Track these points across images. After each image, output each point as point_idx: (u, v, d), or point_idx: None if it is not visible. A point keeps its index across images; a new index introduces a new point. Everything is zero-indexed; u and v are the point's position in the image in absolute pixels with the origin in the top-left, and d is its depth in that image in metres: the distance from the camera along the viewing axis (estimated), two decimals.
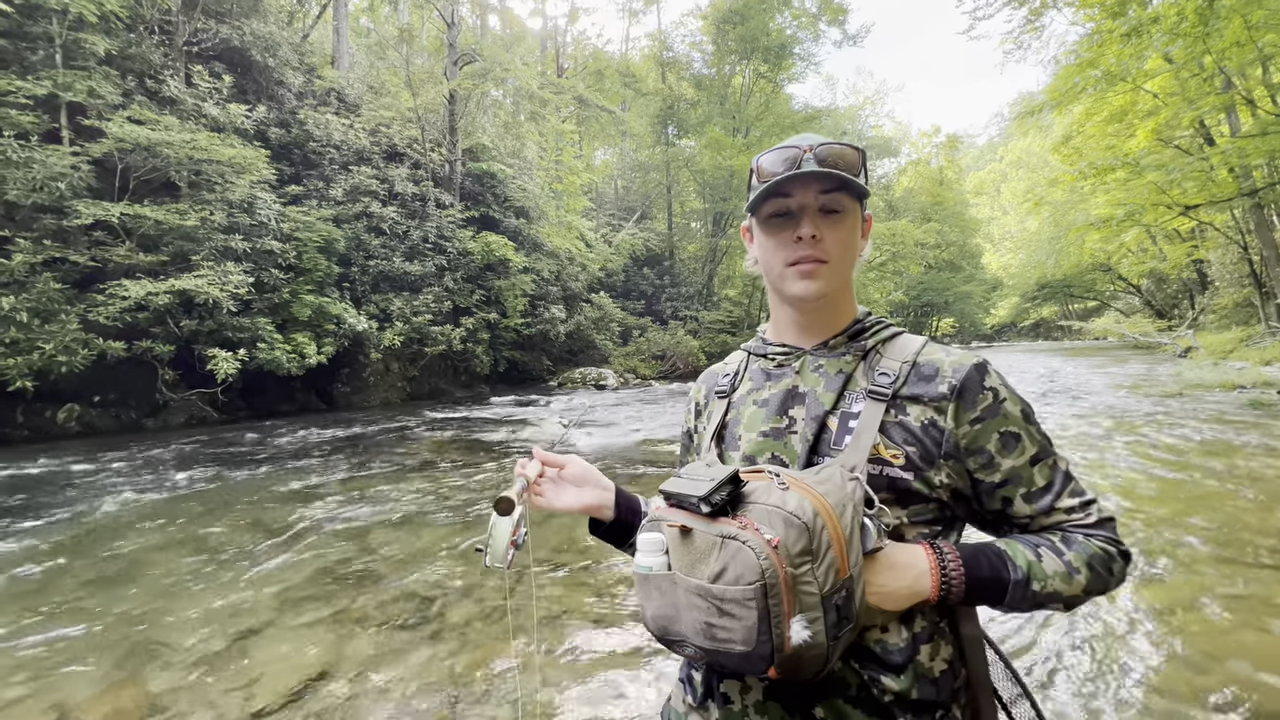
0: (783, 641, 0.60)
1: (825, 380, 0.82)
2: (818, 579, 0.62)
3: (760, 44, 25.99)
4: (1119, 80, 12.22)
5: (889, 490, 0.75)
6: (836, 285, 0.82)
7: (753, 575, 0.60)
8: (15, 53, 9.58)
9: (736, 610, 0.61)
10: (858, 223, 0.83)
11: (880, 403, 0.77)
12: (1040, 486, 0.75)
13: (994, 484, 0.76)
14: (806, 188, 0.79)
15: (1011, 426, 0.75)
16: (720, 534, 0.64)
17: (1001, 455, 0.75)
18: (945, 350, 0.80)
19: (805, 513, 0.63)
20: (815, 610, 0.61)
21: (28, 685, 2.39)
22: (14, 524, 4.59)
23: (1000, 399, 0.76)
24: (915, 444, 0.75)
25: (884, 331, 0.85)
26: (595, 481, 0.95)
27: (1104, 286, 32.59)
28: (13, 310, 8.46)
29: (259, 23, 13.89)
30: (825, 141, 0.80)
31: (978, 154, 62.89)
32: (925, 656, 0.72)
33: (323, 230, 12.53)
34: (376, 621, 2.83)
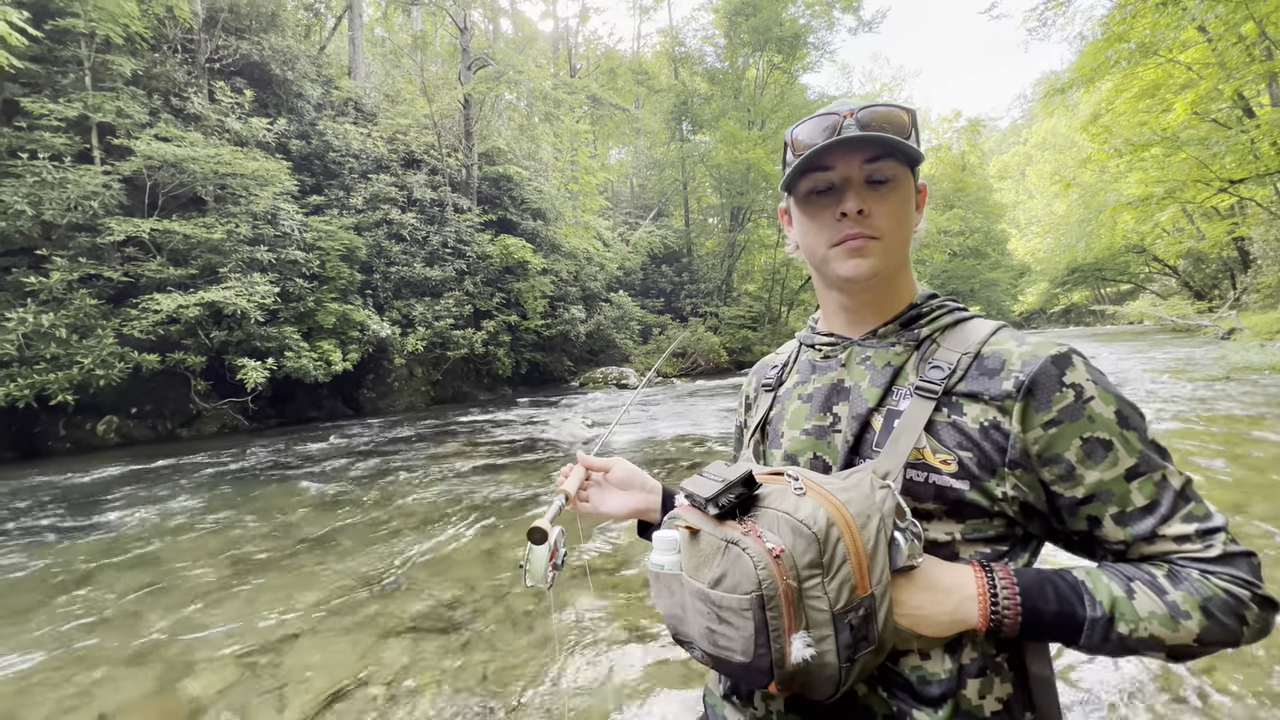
0: (782, 657, 0.57)
1: (872, 374, 0.73)
2: (828, 594, 0.57)
3: (773, 35, 25.66)
4: (1152, 53, 11.76)
5: (937, 500, 0.66)
6: (890, 263, 0.73)
7: (749, 585, 0.57)
8: (47, 77, 9.89)
9: (734, 619, 0.58)
10: (910, 193, 0.73)
11: (928, 400, 0.67)
12: (1139, 507, 0.61)
13: (1076, 500, 0.63)
14: (849, 157, 0.70)
15: (1099, 431, 0.62)
16: (724, 538, 0.61)
17: (1085, 466, 0.62)
18: (1018, 339, 0.68)
19: (817, 522, 0.58)
20: (824, 628, 0.57)
21: (70, 692, 2.42)
22: (54, 533, 4.71)
23: (1085, 397, 0.62)
24: (971, 449, 0.65)
25: (944, 317, 0.74)
26: (641, 484, 0.91)
27: (1138, 269, 31.51)
28: (52, 327, 8.74)
29: (277, 37, 14.14)
30: (868, 104, 0.71)
31: (1000, 137, 61.48)
32: (973, 693, 0.63)
33: (344, 239, 12.72)
34: (408, 628, 2.81)
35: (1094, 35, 13.22)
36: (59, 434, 9.38)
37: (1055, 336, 3.23)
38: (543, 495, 5.09)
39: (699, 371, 20.20)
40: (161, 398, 10.38)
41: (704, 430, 8.03)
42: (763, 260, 28.95)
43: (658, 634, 2.61)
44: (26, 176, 8.98)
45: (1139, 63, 12.58)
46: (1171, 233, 24.95)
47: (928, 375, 0.69)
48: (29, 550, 4.33)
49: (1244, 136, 11.14)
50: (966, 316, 0.74)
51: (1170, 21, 10.43)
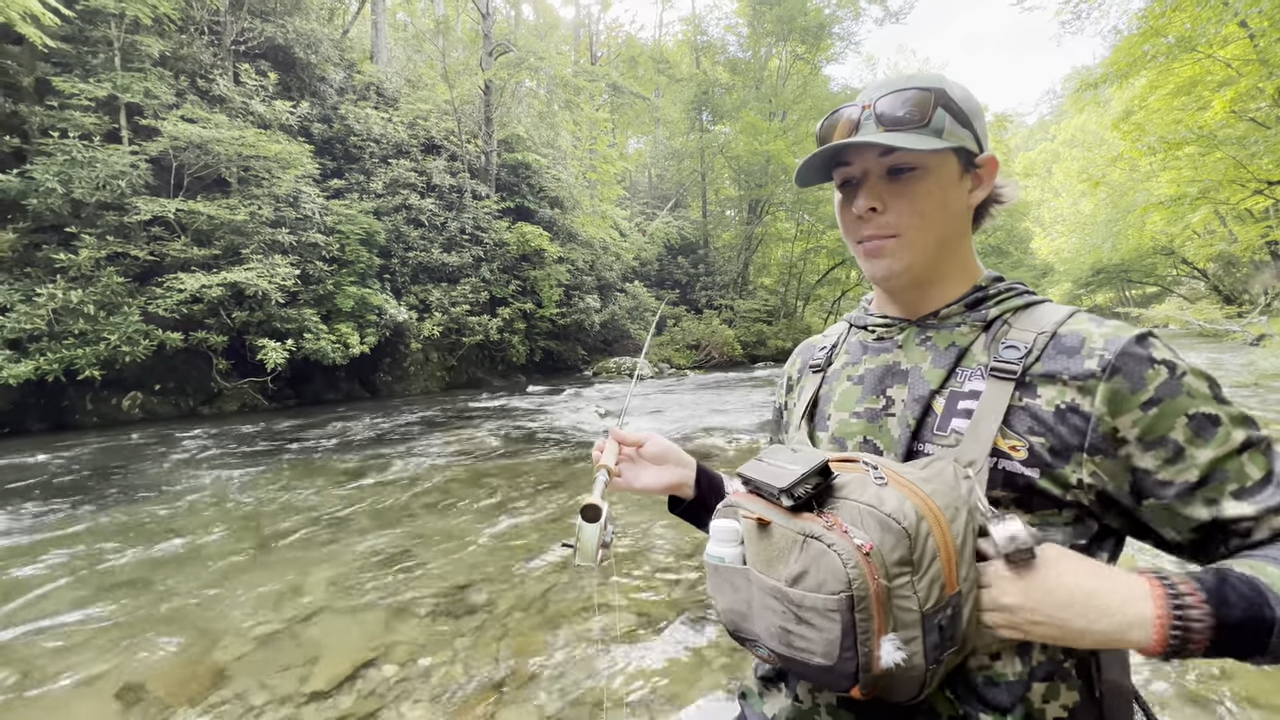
0: (870, 661, 0.53)
1: (934, 355, 0.69)
2: (918, 594, 0.53)
3: (798, 24, 25.29)
4: (1190, 49, 11.40)
5: (1005, 487, 0.61)
6: (916, 259, 0.69)
7: (838, 584, 0.53)
8: (78, 57, 10.04)
9: (817, 620, 0.54)
10: (947, 176, 0.68)
11: (1006, 382, 0.63)
12: (1258, 479, 0.56)
13: (1189, 484, 0.57)
14: (866, 150, 0.68)
15: (1204, 406, 0.57)
16: (803, 532, 0.56)
17: (1195, 445, 0.57)
18: (1097, 320, 0.64)
19: (907, 516, 0.53)
20: (913, 629, 0.53)
21: (101, 659, 2.50)
22: (82, 507, 4.84)
23: (1179, 372, 0.58)
24: (1044, 434, 0.60)
25: (1014, 299, 0.69)
26: (675, 459, 0.89)
27: (1166, 271, 30.79)
28: (81, 303, 8.93)
29: (301, 20, 14.21)
30: (888, 90, 0.67)
31: (1028, 133, 60.15)
32: (1038, 697, 0.60)
33: (364, 223, 12.82)
34: (423, 608, 2.86)
35: (1130, 29, 12.85)
36: (86, 408, 9.62)
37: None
38: (555, 479, 5.13)
39: (713, 364, 20.16)
40: (184, 375, 10.59)
41: (718, 422, 8.02)
42: (779, 254, 28.70)
43: (676, 620, 2.62)
44: (57, 155, 9.15)
45: (1176, 58, 12.21)
46: (1203, 235, 24.31)
47: (1003, 355, 0.64)
48: (52, 518, 4.46)
49: None
50: (1039, 300, 0.70)
51: (1211, 15, 10.10)
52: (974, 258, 0.74)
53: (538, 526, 3.97)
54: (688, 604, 2.77)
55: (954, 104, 0.67)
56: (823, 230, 25.63)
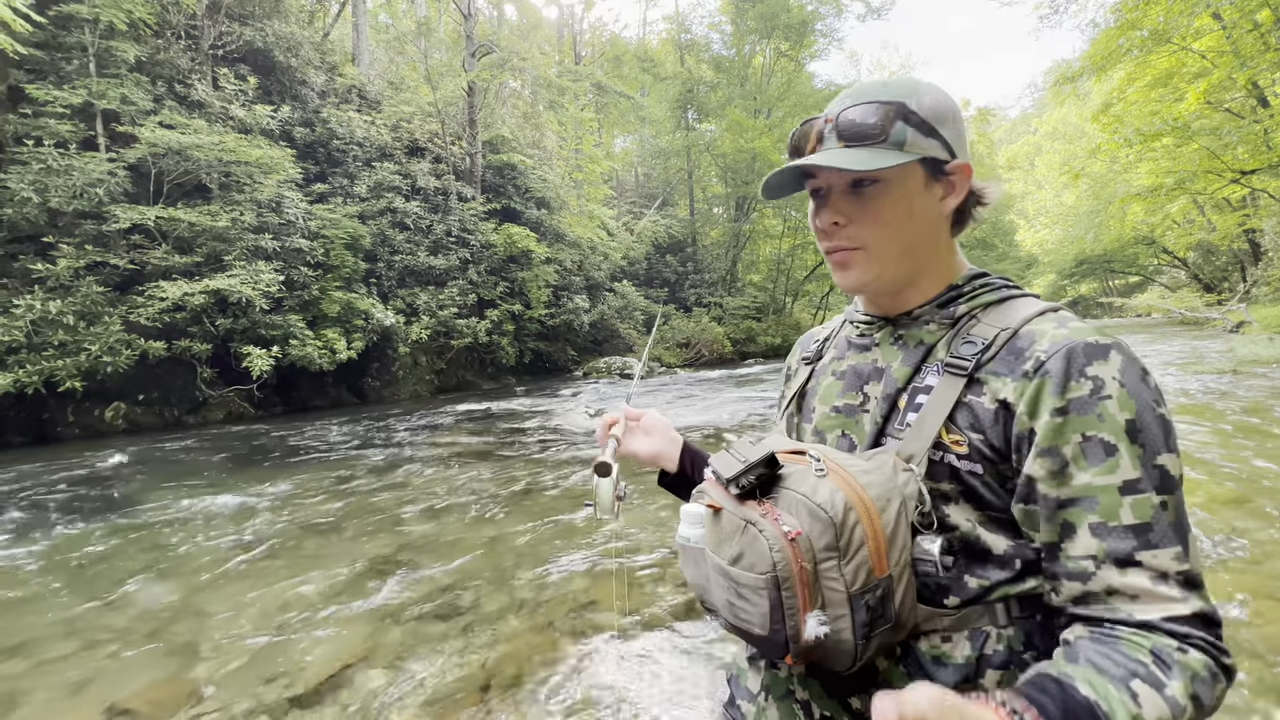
0: (797, 633, 0.58)
1: (904, 353, 0.71)
2: (844, 576, 0.57)
3: (781, 21, 25.38)
4: (1165, 41, 11.57)
5: (953, 481, 0.64)
6: (883, 270, 0.71)
7: (765, 566, 0.58)
8: (52, 63, 9.87)
9: (751, 596, 0.60)
10: (912, 187, 0.68)
11: (958, 377, 0.64)
12: (1126, 525, 0.55)
13: (1057, 501, 0.57)
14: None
15: (1105, 433, 0.56)
16: (744, 518, 0.62)
17: (1078, 465, 0.57)
18: (1062, 321, 0.63)
19: (835, 506, 0.58)
20: (841, 607, 0.57)
21: (77, 671, 2.47)
22: (64, 518, 4.78)
23: (1102, 393, 0.57)
24: (981, 430, 0.62)
25: (987, 295, 0.70)
26: (664, 433, 0.97)
27: (1147, 261, 31.25)
28: (60, 314, 8.79)
29: (280, 24, 14.06)
30: (853, 103, 0.68)
31: (1010, 127, 60.75)
32: (992, 684, 0.61)
33: (349, 227, 12.72)
34: (411, 613, 2.85)
35: (1107, 22, 13.02)
36: (68, 420, 9.47)
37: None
38: (545, 483, 5.13)
39: (703, 362, 20.20)
40: (168, 385, 10.45)
41: (706, 420, 8.05)
42: (768, 250, 28.81)
43: (659, 621, 2.63)
44: (32, 164, 9.00)
45: (1152, 51, 12.40)
46: (1182, 224, 24.70)
47: (959, 351, 0.66)
48: (40, 534, 4.39)
49: (1257, 126, 10.99)
50: (1016, 295, 0.70)
51: (1184, 8, 10.26)
52: (954, 258, 0.75)
53: (527, 528, 3.97)
54: (683, 603, 2.78)
55: (916, 115, 0.67)
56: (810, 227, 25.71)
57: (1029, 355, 0.61)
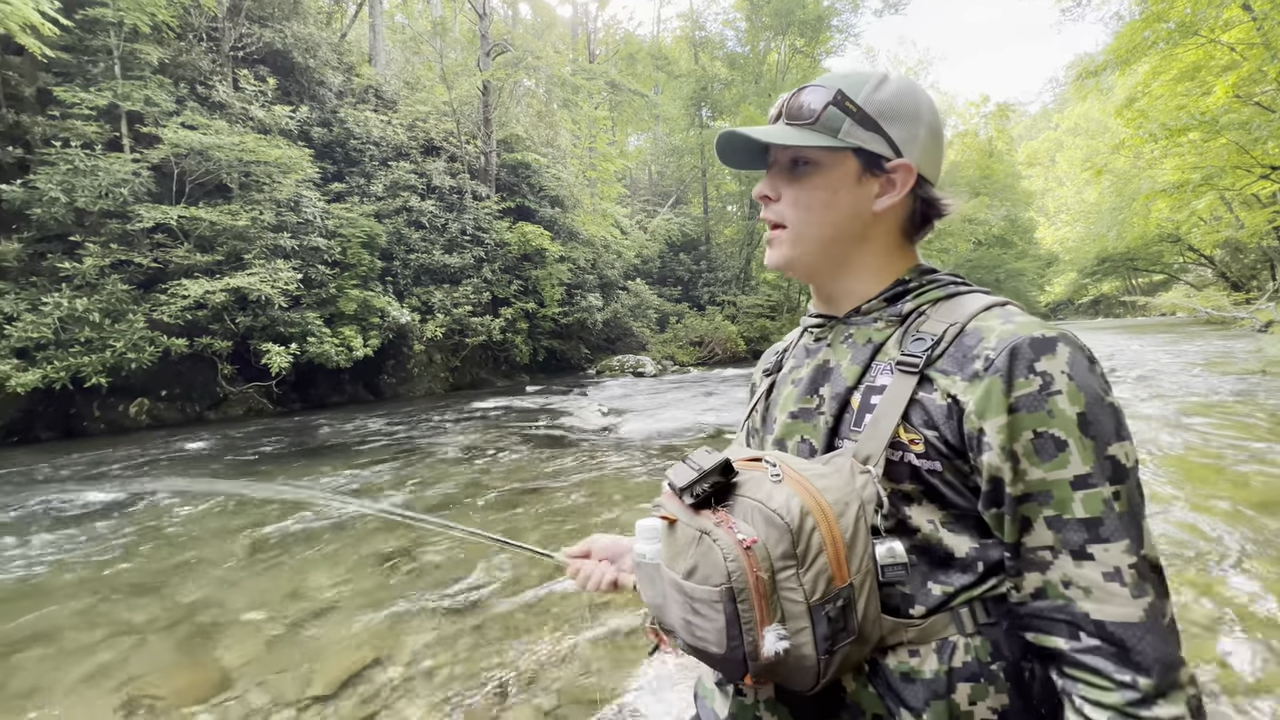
0: (755, 650, 0.55)
1: (853, 352, 0.70)
2: (804, 586, 0.55)
3: (796, 17, 25.16)
4: (1192, 33, 11.28)
5: (914, 480, 0.62)
6: (803, 254, 0.72)
7: (719, 577, 0.56)
8: (79, 66, 10.09)
9: (706, 611, 0.57)
10: (842, 176, 0.68)
11: (910, 375, 0.63)
12: (1079, 518, 0.55)
13: (1015, 498, 0.57)
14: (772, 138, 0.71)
15: (1055, 428, 0.55)
16: (699, 528, 0.59)
17: (1031, 462, 0.56)
18: (1006, 317, 0.62)
19: (790, 512, 0.56)
20: (801, 620, 0.55)
21: (100, 659, 2.53)
22: (85, 511, 4.89)
23: (1051, 389, 0.56)
24: (935, 428, 0.61)
25: (934, 291, 0.69)
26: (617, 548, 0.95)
27: (1172, 258, 30.55)
28: (86, 311, 9.00)
29: (299, 25, 14.24)
30: (800, 88, 0.70)
31: (1030, 122, 59.74)
32: (964, 698, 0.59)
33: (365, 226, 12.85)
34: (425, 610, 2.88)
35: (1131, 15, 12.73)
36: (94, 415, 9.70)
37: (1081, 329, 3.10)
38: (558, 481, 5.14)
39: (716, 360, 20.14)
40: (190, 381, 10.65)
41: (717, 420, 8.02)
42: None
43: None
44: (60, 164, 9.21)
45: (1178, 43, 12.09)
46: (1208, 221, 24.10)
47: (910, 349, 0.65)
48: (59, 524, 4.50)
49: None
50: (964, 291, 0.69)
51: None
52: (900, 256, 0.73)
53: (540, 527, 3.99)
54: None
55: (853, 105, 0.67)
56: None
57: (977, 353, 0.60)
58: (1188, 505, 3.57)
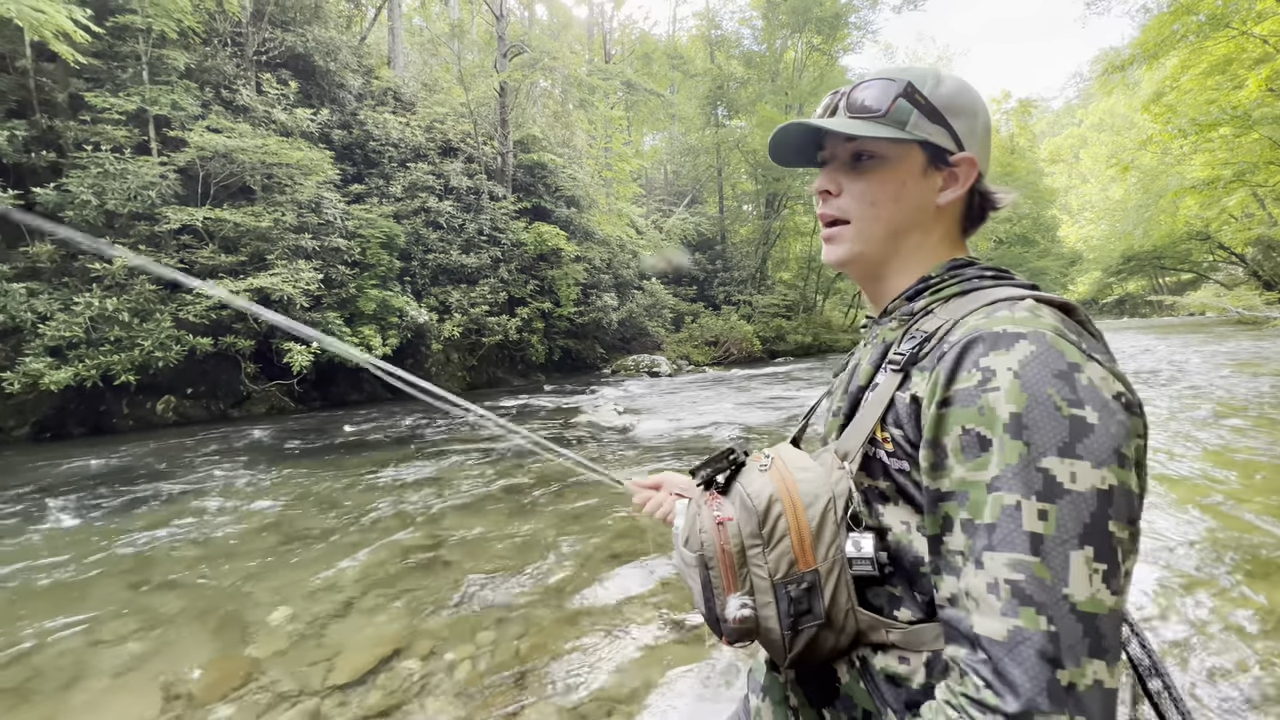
0: (722, 612, 0.63)
1: (871, 352, 0.70)
2: (768, 564, 0.62)
3: (813, 15, 24.98)
4: (1224, 25, 10.99)
5: (886, 478, 0.62)
6: (865, 249, 0.70)
7: (696, 545, 0.67)
8: (108, 72, 10.35)
9: (690, 574, 0.68)
10: (907, 169, 0.67)
11: (896, 374, 0.63)
12: (985, 523, 0.50)
13: (937, 494, 0.55)
14: (837, 135, 0.71)
15: (982, 426, 0.51)
16: (699, 505, 0.70)
17: (956, 458, 0.53)
18: (991, 312, 0.58)
19: (759, 498, 0.64)
20: (766, 594, 0.62)
21: (134, 650, 2.60)
22: (119, 507, 5.02)
23: (988, 385, 0.52)
24: (901, 426, 0.60)
25: (950, 287, 0.66)
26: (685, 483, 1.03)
27: (1201, 257, 29.79)
28: (116, 311, 9.23)
29: (320, 29, 14.46)
30: (862, 80, 0.70)
31: (1053, 118, 58.71)
32: None
33: (384, 226, 13.01)
34: (445, 603, 2.91)
35: (1159, 7, 12.43)
36: (123, 412, 9.94)
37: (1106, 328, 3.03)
38: (576, 478, 5.16)
39: (731, 360, 20.06)
40: (215, 379, 10.88)
41: (732, 419, 7.99)
42: (798, 248, 28.42)
43: (690, 616, 2.63)
44: (91, 168, 9.46)
45: (1208, 36, 11.78)
46: (1240, 218, 23.44)
47: (900, 347, 0.64)
48: (93, 517, 4.63)
49: None
50: (985, 285, 0.65)
51: None
52: (943, 250, 0.71)
53: (558, 524, 4.01)
54: None
55: (922, 98, 0.67)
56: None
57: (943, 349, 0.58)
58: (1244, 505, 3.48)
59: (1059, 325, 0.55)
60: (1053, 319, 0.56)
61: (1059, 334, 0.53)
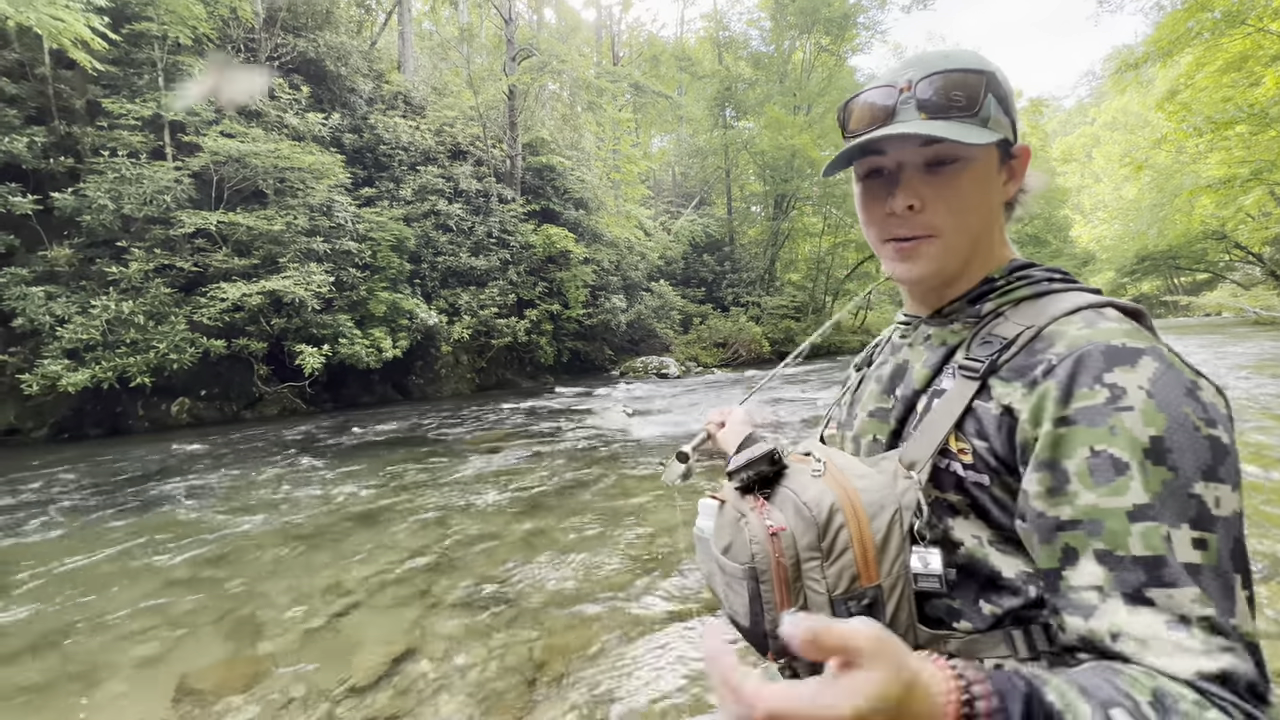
0: (775, 628, 0.58)
1: (928, 354, 0.67)
2: (827, 579, 0.57)
3: (821, 15, 24.92)
4: (1240, 22, 10.84)
5: (958, 492, 0.59)
6: (951, 262, 0.64)
7: (745, 557, 0.61)
8: (125, 78, 10.52)
9: (735, 585, 0.62)
10: (990, 167, 0.62)
11: (970, 381, 0.59)
12: (1133, 556, 0.45)
13: (1056, 522, 0.49)
14: (904, 139, 0.61)
15: (1118, 449, 0.47)
16: (739, 510, 0.65)
17: (1083, 483, 0.48)
18: (1090, 320, 0.55)
19: (819, 505, 0.59)
20: (822, 610, 0.57)
21: (148, 648, 2.63)
22: (132, 505, 5.08)
23: (1121, 404, 0.48)
24: (987, 438, 0.56)
25: (1021, 290, 0.63)
26: (739, 425, 1.03)
27: (1217, 256, 29.35)
28: (131, 313, 9.36)
29: (331, 34, 14.61)
30: (933, 70, 0.60)
31: (1065, 117, 58.17)
32: None
33: (394, 229, 13.11)
34: (458, 604, 2.92)
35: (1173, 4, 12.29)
36: (138, 414, 10.07)
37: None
38: (586, 479, 5.17)
39: (740, 362, 20.01)
40: (228, 381, 10.99)
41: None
42: (807, 249, 28.33)
43: (701, 618, 2.62)
44: (108, 173, 9.61)
45: (1224, 33, 11.63)
46: (1257, 217, 23.10)
47: (975, 352, 0.60)
48: (109, 517, 4.69)
49: None
50: (1056, 289, 0.62)
51: None
52: (1004, 250, 0.69)
53: (569, 525, 4.01)
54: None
55: (1000, 90, 0.61)
56: (851, 224, 25.17)
57: (1041, 359, 0.55)
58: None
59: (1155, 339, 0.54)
60: (1146, 331, 0.55)
61: (1168, 348, 0.52)
